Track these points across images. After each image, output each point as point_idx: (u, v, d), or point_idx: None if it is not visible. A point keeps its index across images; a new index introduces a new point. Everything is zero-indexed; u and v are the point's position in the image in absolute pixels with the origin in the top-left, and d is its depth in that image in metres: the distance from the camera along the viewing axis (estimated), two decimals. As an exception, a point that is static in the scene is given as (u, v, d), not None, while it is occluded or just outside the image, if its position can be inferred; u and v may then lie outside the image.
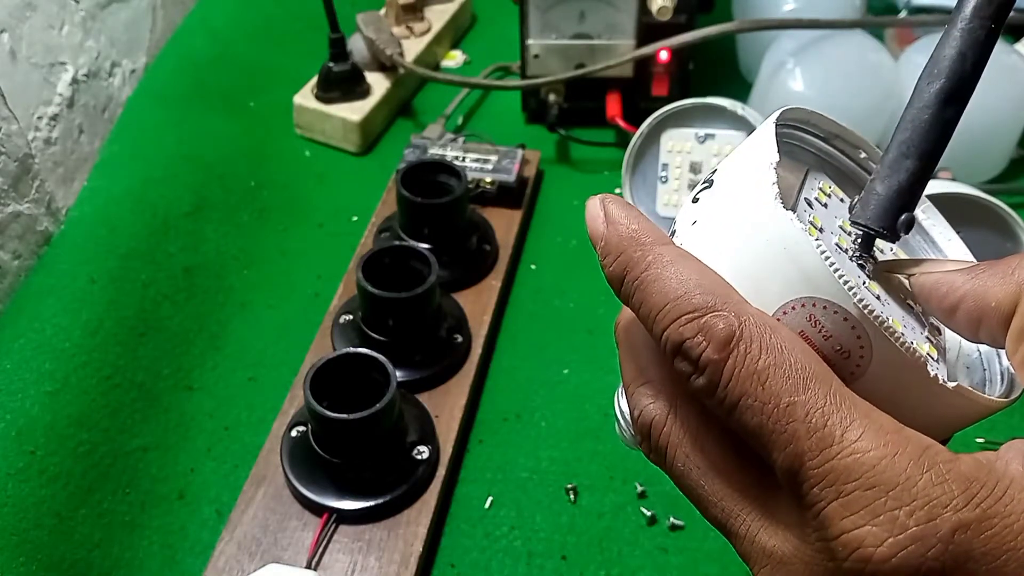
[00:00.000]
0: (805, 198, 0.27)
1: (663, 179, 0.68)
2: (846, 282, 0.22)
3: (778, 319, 0.23)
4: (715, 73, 0.82)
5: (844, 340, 0.23)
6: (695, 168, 0.67)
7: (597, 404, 0.58)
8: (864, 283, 0.25)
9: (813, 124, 0.29)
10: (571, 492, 0.53)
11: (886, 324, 0.22)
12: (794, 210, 0.24)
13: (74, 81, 0.69)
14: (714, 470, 0.24)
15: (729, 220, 0.25)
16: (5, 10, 0.62)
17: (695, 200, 0.26)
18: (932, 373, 0.23)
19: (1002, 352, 0.27)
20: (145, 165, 0.70)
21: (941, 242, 0.30)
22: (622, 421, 0.29)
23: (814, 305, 0.23)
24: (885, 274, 0.27)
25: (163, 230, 0.66)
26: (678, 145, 0.67)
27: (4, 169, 0.60)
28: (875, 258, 0.26)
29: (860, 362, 0.23)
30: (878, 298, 0.25)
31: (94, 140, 0.72)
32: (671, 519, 0.51)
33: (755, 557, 0.23)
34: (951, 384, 0.23)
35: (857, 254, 0.26)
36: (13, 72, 0.62)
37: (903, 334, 0.23)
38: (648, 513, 0.52)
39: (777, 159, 0.24)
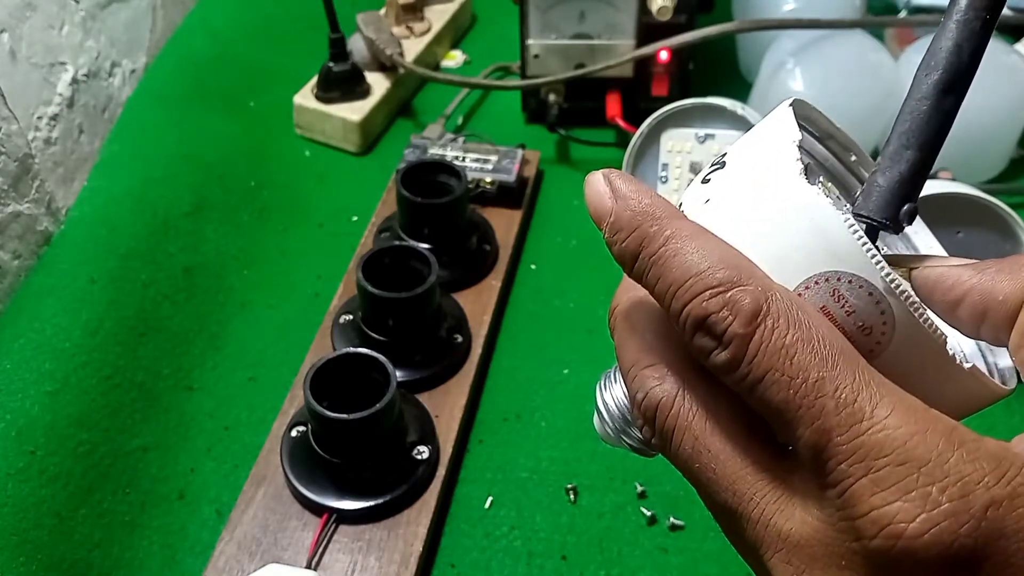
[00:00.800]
0: None
1: (663, 179, 0.68)
2: (873, 255, 0.22)
3: (800, 294, 0.23)
4: (715, 73, 0.81)
5: (867, 316, 0.23)
6: (695, 168, 0.67)
7: (597, 404, 0.58)
8: None
9: (812, 121, 0.29)
10: (571, 492, 0.53)
11: (912, 300, 0.22)
12: None
13: (74, 81, 0.69)
14: (725, 452, 0.23)
15: (749, 196, 0.24)
16: (5, 10, 0.62)
17: (705, 180, 0.26)
18: (951, 352, 0.22)
19: (994, 349, 0.27)
20: (145, 165, 0.70)
21: (923, 250, 0.30)
22: (605, 414, 0.29)
23: (839, 280, 0.22)
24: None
25: (163, 230, 0.66)
26: (678, 145, 0.67)
27: (4, 169, 0.60)
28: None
29: (881, 339, 0.23)
30: None
31: (94, 140, 0.72)
32: (671, 519, 0.51)
33: (768, 541, 0.22)
34: (967, 364, 0.23)
35: None
36: (13, 72, 0.62)
37: (926, 312, 0.22)
38: (648, 513, 0.52)
39: (800, 137, 0.24)
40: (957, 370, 0.23)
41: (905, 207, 0.24)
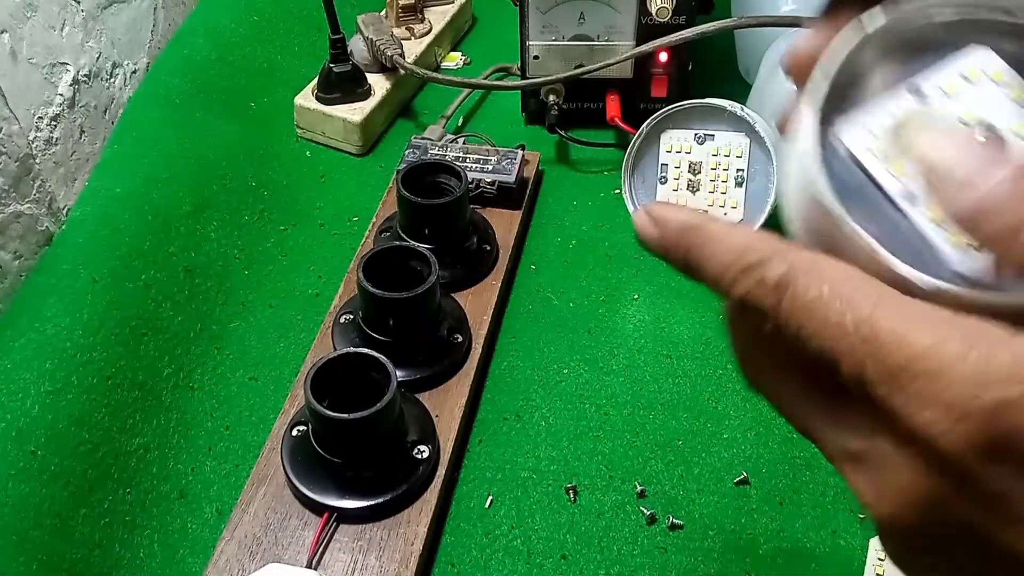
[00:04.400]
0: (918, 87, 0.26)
1: (662, 179, 0.68)
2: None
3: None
4: (714, 73, 0.82)
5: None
6: (694, 168, 0.67)
7: (597, 404, 0.58)
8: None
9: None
10: (571, 492, 0.53)
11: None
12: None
13: (75, 81, 0.70)
14: (790, 393, 0.26)
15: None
16: (6, 10, 0.62)
17: None
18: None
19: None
20: (146, 165, 0.70)
21: None
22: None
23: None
24: None
25: (164, 230, 0.66)
26: (677, 145, 0.67)
27: (5, 169, 0.60)
28: None
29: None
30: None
31: (95, 140, 0.72)
32: (670, 518, 0.51)
33: (837, 457, 0.25)
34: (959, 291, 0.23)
35: None
36: (14, 72, 0.62)
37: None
38: (647, 512, 0.52)
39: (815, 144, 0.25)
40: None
41: None
